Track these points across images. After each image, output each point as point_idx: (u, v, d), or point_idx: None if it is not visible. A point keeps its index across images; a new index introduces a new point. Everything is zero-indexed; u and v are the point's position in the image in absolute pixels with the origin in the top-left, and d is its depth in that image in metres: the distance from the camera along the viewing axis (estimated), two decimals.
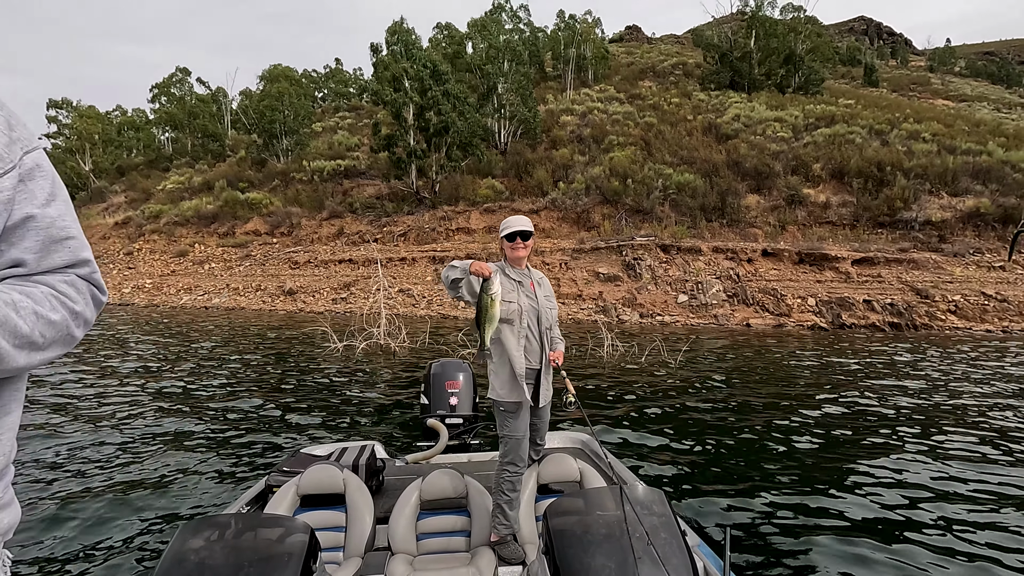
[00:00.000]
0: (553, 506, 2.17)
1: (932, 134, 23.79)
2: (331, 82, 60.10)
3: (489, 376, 2.92)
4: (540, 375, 2.93)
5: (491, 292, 2.60)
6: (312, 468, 2.95)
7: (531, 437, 3.00)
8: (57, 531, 3.69)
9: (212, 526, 1.95)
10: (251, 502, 3.19)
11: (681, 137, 26.34)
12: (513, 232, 2.87)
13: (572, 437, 4.27)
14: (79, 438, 5.49)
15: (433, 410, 4.15)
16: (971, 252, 17.28)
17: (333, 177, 28.90)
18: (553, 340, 3.01)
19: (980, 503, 4.05)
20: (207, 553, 1.80)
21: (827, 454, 5.08)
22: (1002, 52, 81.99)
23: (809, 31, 36.75)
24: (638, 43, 70.43)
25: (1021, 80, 63.52)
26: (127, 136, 46.82)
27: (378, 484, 3.47)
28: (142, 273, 25.20)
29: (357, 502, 2.87)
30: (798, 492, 4.21)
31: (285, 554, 1.84)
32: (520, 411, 2.84)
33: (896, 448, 5.19)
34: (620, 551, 1.84)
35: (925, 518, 3.81)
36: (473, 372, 4.34)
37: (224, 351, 10.65)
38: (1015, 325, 14.06)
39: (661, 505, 2.07)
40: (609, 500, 2.08)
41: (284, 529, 1.98)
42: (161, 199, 32.11)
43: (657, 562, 1.79)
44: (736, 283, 16.99)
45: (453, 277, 2.79)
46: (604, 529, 1.95)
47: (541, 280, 3.06)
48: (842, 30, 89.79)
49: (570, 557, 1.88)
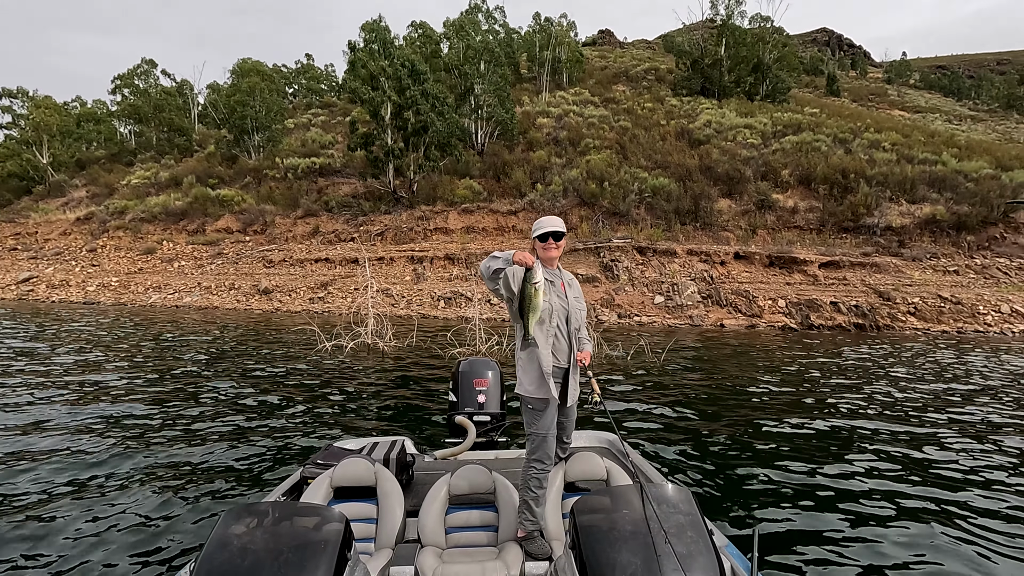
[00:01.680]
0: (580, 503, 2.20)
1: (891, 144, 24.96)
2: (302, 78, 59.12)
3: (517, 372, 2.96)
4: (568, 374, 2.96)
5: (535, 282, 2.63)
6: (345, 461, 3.03)
7: (558, 435, 3.03)
8: (104, 515, 3.86)
9: (253, 513, 2.02)
10: (287, 492, 3.27)
11: (655, 142, 26.93)
12: (546, 232, 2.89)
13: (598, 436, 4.32)
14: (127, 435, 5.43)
15: (461, 407, 4.19)
16: (928, 256, 18.23)
17: (307, 175, 28.50)
18: (581, 340, 3.04)
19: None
20: (249, 539, 1.88)
21: (846, 452, 5.20)
22: (953, 66, 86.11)
23: (776, 41, 37.98)
24: (611, 47, 71.43)
25: (970, 93, 66.87)
26: (87, 128, 45.00)
27: (408, 478, 3.53)
28: (107, 271, 24.38)
29: (388, 495, 2.94)
30: (821, 490, 4.30)
31: (322, 542, 1.91)
32: (547, 408, 2.87)
33: (919, 441, 5.47)
34: (647, 548, 1.84)
35: (955, 514, 3.91)
36: (501, 371, 4.38)
37: (215, 351, 10.49)
38: (967, 326, 14.92)
39: (688, 504, 2.08)
40: (636, 498, 2.07)
41: (321, 518, 2.05)
42: (126, 194, 31.10)
43: (684, 560, 1.79)
44: (710, 285, 17.52)
45: (495, 267, 2.77)
46: (631, 526, 1.96)
47: (571, 281, 3.10)
48: (806, 41, 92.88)
49: (597, 553, 1.90)
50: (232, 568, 1.76)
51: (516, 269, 2.74)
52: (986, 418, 6.45)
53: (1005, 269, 17.30)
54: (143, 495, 4.17)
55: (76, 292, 22.45)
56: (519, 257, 2.66)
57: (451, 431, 4.25)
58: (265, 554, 1.81)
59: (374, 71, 23.08)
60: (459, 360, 4.44)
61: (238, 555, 1.81)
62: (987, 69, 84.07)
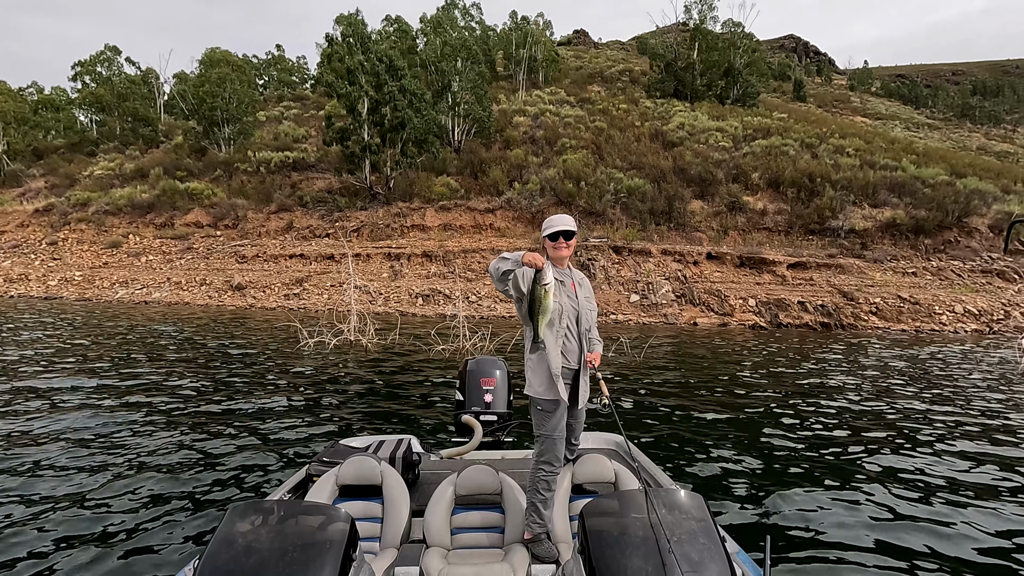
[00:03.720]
0: (590, 506, 2.16)
1: (855, 149, 25.94)
2: (273, 69, 57.93)
3: (527, 373, 2.91)
4: (578, 375, 2.94)
5: (544, 283, 2.60)
6: (351, 460, 3.00)
7: (566, 437, 2.99)
8: (106, 510, 3.84)
9: (259, 511, 2.00)
10: (293, 489, 3.26)
11: (630, 143, 27.37)
12: (556, 232, 2.85)
13: (606, 438, 4.27)
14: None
15: (468, 406, 4.15)
16: (888, 259, 19.06)
17: (281, 169, 28.03)
18: (591, 341, 3.00)
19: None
20: (254, 537, 1.86)
21: (853, 452, 5.35)
22: (912, 75, 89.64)
23: (746, 46, 38.96)
24: (586, 47, 72.06)
25: (927, 102, 69.78)
26: (44, 116, 43.23)
27: (414, 477, 3.51)
28: (70, 265, 23.54)
29: (394, 494, 2.91)
30: (832, 490, 4.33)
31: (327, 541, 1.89)
32: (557, 410, 2.83)
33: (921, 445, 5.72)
34: (657, 554, 1.80)
35: (960, 514, 3.97)
36: (509, 370, 4.36)
37: (195, 348, 10.32)
38: (925, 325, 15.70)
39: (700, 510, 2.04)
40: (647, 503, 2.03)
41: (326, 517, 2.02)
42: (88, 186, 30.03)
43: (695, 567, 1.76)
44: (684, 284, 17.97)
45: (504, 269, 2.74)
46: (642, 532, 1.92)
47: (582, 281, 3.05)
48: (774, 47, 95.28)
49: (607, 558, 1.87)
50: (237, 566, 1.74)
51: (526, 270, 2.69)
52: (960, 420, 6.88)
53: (959, 271, 18.23)
54: (142, 493, 4.14)
55: (36, 286, 21.64)
56: (529, 258, 2.62)
57: (458, 430, 4.20)
58: (270, 553, 1.79)
59: (351, 66, 22.84)
60: (467, 359, 4.42)
61: (243, 553, 1.78)
62: (943, 79, 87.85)
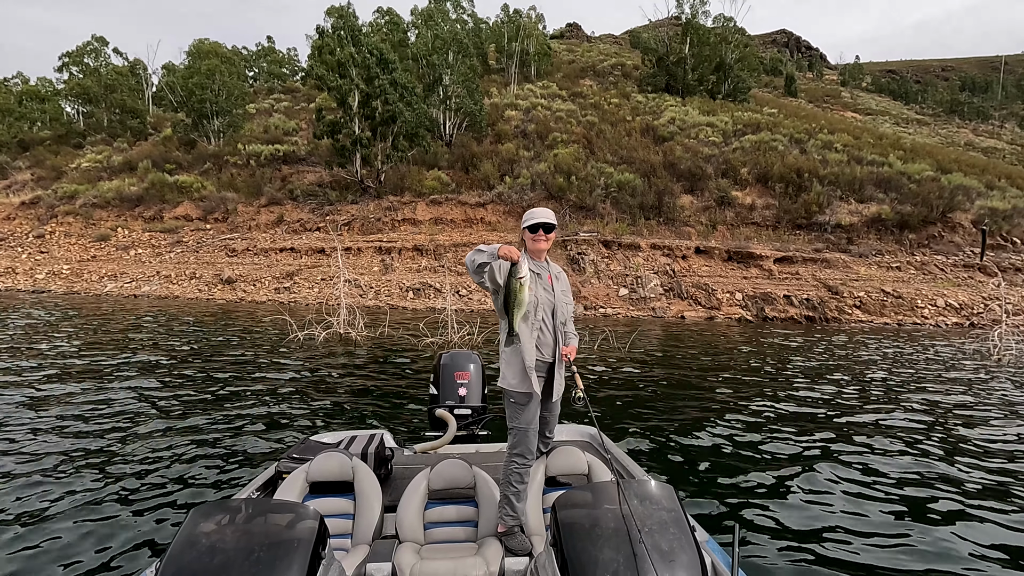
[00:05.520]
0: (562, 498, 2.16)
1: (843, 145, 26.20)
2: (263, 61, 57.40)
3: (501, 365, 2.92)
4: (553, 368, 2.94)
5: (520, 276, 2.61)
6: (321, 456, 2.97)
7: (540, 430, 2.99)
8: (63, 518, 3.71)
9: (223, 510, 1.96)
10: (261, 487, 3.21)
11: (621, 137, 27.48)
12: (536, 224, 2.87)
13: (579, 431, 4.29)
14: (75, 425, 5.42)
15: (442, 400, 4.12)
16: (873, 253, 19.34)
17: (271, 162, 27.90)
18: (567, 335, 3.01)
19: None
20: (218, 537, 1.81)
21: (824, 444, 5.47)
22: (902, 71, 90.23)
23: (738, 41, 39.08)
24: (578, 41, 71.94)
25: (917, 98, 70.33)
26: (30, 107, 42.64)
27: (386, 473, 3.49)
28: (57, 258, 23.38)
29: (366, 490, 2.88)
30: (799, 483, 4.42)
31: (295, 540, 1.86)
32: (530, 403, 2.83)
33: (887, 433, 5.85)
34: (629, 545, 1.82)
35: (938, 505, 4.08)
36: (483, 364, 4.36)
37: (183, 340, 10.36)
38: (907, 319, 15.97)
39: (671, 500, 2.05)
40: (619, 494, 2.04)
41: (294, 515, 1.98)
42: (75, 178, 29.72)
43: (666, 557, 1.78)
44: (672, 278, 18.15)
45: (480, 261, 2.72)
46: (613, 522, 1.93)
47: (559, 274, 3.06)
48: (766, 41, 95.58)
49: (578, 549, 1.87)
50: (200, 567, 1.70)
51: (502, 263, 2.70)
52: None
53: (941, 266, 18.53)
54: (107, 491, 4.05)
55: (24, 280, 21.48)
56: (505, 251, 2.62)
57: (431, 424, 4.17)
58: (235, 552, 1.74)
59: (342, 58, 22.75)
60: (440, 353, 4.40)
61: (207, 553, 1.74)
62: (933, 75, 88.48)
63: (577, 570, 1.81)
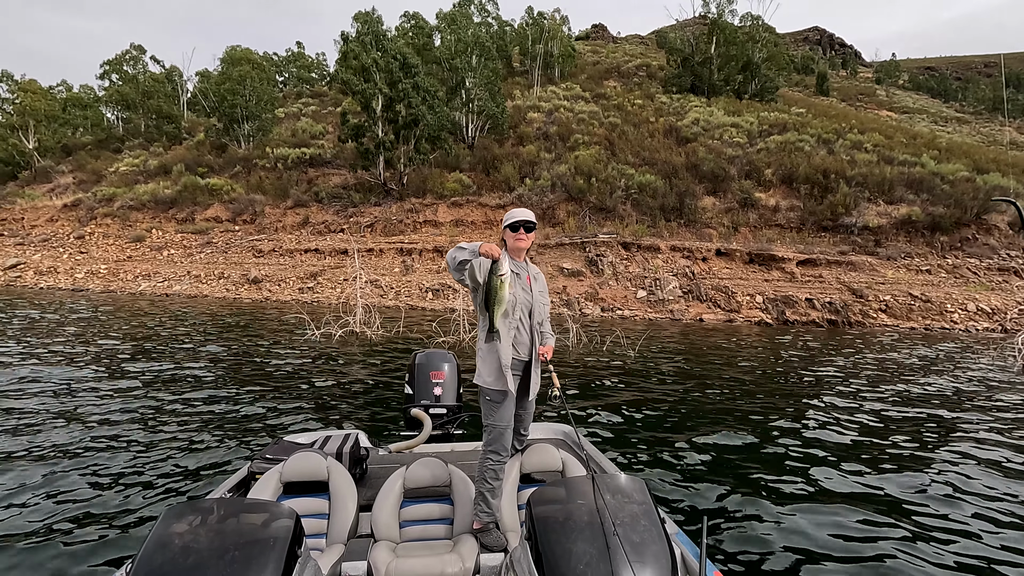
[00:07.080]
0: (536, 494, 2.20)
1: (873, 145, 25.50)
2: (293, 66, 58.78)
3: (478, 363, 2.96)
4: (529, 367, 2.99)
5: (500, 274, 2.65)
6: (296, 455, 2.98)
7: (515, 427, 3.03)
8: (36, 516, 3.68)
9: (196, 511, 1.95)
10: (234, 488, 3.21)
11: (643, 138, 27.29)
12: (517, 222, 2.93)
13: (554, 428, 4.33)
14: (56, 423, 5.70)
15: (417, 399, 4.15)
16: (902, 256, 18.79)
17: (298, 165, 28.60)
18: (543, 335, 3.08)
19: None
20: (191, 537, 1.80)
21: (798, 440, 5.57)
22: (941, 68, 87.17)
23: (766, 40, 38.37)
24: (604, 42, 71.57)
25: (957, 95, 67.86)
26: (73, 114, 44.60)
27: (361, 472, 3.51)
28: (96, 258, 24.41)
29: (341, 490, 2.89)
30: (772, 476, 4.54)
31: (270, 539, 1.85)
32: (505, 400, 2.88)
33: (865, 428, 5.95)
34: (601, 538, 1.87)
35: (900, 496, 4.19)
36: (458, 363, 4.39)
37: (201, 337, 10.76)
38: (935, 323, 15.49)
39: (641, 494, 2.11)
40: (591, 488, 2.09)
41: (269, 514, 1.98)
42: (114, 181, 31.00)
43: (636, 549, 1.83)
44: (691, 280, 17.97)
45: (461, 258, 2.76)
46: (586, 517, 1.97)
47: (537, 275, 3.12)
48: (797, 39, 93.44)
49: (552, 544, 1.91)
50: (173, 568, 1.69)
51: (483, 260, 2.74)
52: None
53: (975, 269, 17.91)
54: (83, 487, 4.05)
55: (64, 279, 22.50)
56: (485, 248, 2.66)
57: (407, 424, 4.19)
58: (209, 553, 1.73)
59: (366, 63, 23.20)
60: (415, 352, 4.39)
61: (180, 554, 1.73)
62: (974, 72, 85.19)
63: (551, 563, 1.85)
